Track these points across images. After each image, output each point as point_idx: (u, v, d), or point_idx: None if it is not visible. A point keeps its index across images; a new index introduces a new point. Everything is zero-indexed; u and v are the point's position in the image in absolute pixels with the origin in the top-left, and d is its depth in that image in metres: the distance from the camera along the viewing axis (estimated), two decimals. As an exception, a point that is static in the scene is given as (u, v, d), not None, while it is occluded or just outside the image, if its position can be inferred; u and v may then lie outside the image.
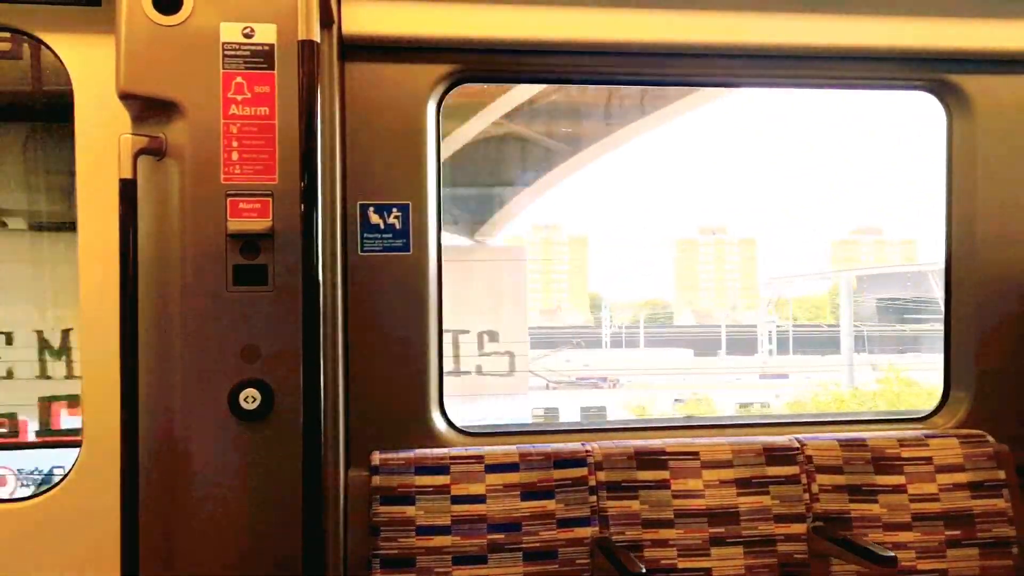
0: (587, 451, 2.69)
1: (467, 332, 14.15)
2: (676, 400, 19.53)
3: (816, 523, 2.69)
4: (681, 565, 2.61)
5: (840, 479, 2.74)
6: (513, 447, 2.68)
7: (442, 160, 2.82)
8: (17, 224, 5.37)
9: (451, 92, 2.80)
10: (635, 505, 2.64)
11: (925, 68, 2.94)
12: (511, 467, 2.63)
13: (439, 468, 2.60)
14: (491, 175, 14.42)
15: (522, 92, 10.93)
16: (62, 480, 2.59)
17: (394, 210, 2.70)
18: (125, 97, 2.14)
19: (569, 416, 16.58)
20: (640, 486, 2.66)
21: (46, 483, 3.20)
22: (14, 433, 4.98)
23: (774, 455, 2.74)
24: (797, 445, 2.77)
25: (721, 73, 2.91)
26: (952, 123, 3.04)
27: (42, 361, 5.25)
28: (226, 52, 2.14)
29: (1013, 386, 2.99)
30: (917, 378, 15.60)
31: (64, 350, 5.14)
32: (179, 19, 2.12)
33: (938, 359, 3.13)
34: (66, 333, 5.14)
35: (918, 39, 2.80)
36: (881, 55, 2.88)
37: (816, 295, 30.57)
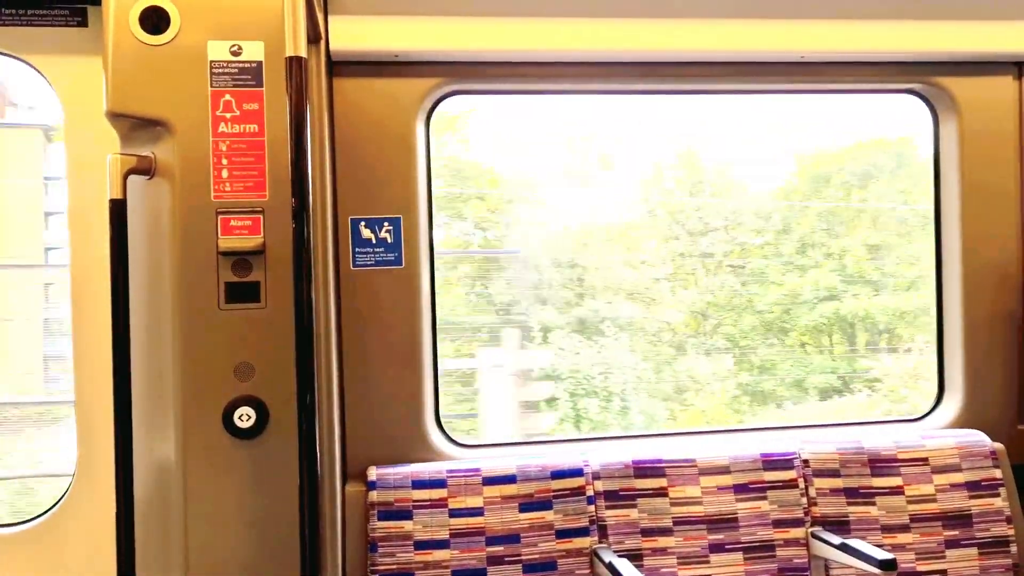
0: (584, 461, 2.69)
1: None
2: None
3: (815, 527, 2.69)
4: (681, 573, 2.61)
5: (838, 482, 2.74)
6: (510, 459, 2.68)
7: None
8: None
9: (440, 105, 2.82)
10: (633, 514, 2.64)
11: (911, 71, 2.96)
12: (508, 479, 2.62)
13: (436, 482, 2.59)
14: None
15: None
16: (57, 504, 2.57)
17: (385, 224, 2.70)
18: (113, 117, 2.14)
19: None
20: (638, 495, 2.66)
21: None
22: None
23: (771, 460, 2.74)
24: (794, 450, 2.77)
25: (710, 80, 2.92)
26: (938, 125, 3.06)
27: None
28: (214, 70, 2.14)
29: (1006, 384, 3.00)
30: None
31: None
32: (166, 38, 2.12)
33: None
34: None
35: (903, 43, 2.82)
36: (867, 59, 2.90)
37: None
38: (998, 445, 2.85)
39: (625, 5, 2.68)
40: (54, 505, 2.58)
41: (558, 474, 2.65)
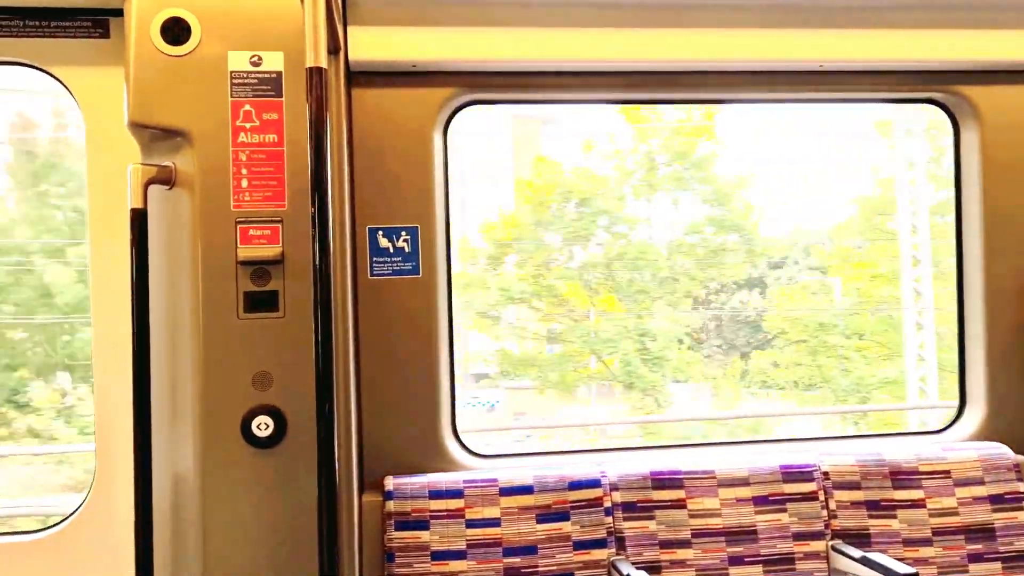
0: (602, 472, 2.67)
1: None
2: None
3: (835, 540, 2.66)
4: None
5: (858, 495, 2.71)
6: (527, 469, 2.67)
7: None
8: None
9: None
10: (652, 526, 2.62)
11: (933, 80, 2.94)
12: (526, 490, 2.61)
13: (453, 492, 2.58)
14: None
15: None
16: (75, 512, 2.58)
17: (403, 233, 2.70)
18: (135, 127, 2.16)
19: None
20: (656, 506, 2.64)
21: None
22: None
23: (791, 472, 2.71)
24: (814, 462, 2.74)
25: (728, 90, 2.91)
26: (960, 134, 3.04)
27: None
28: (234, 80, 2.15)
29: None
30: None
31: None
32: (187, 49, 2.14)
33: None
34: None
35: (924, 51, 2.80)
36: (887, 68, 2.89)
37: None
38: (1021, 458, 2.81)
39: (643, 15, 2.67)
40: (72, 513, 2.58)
41: (575, 485, 2.63)
